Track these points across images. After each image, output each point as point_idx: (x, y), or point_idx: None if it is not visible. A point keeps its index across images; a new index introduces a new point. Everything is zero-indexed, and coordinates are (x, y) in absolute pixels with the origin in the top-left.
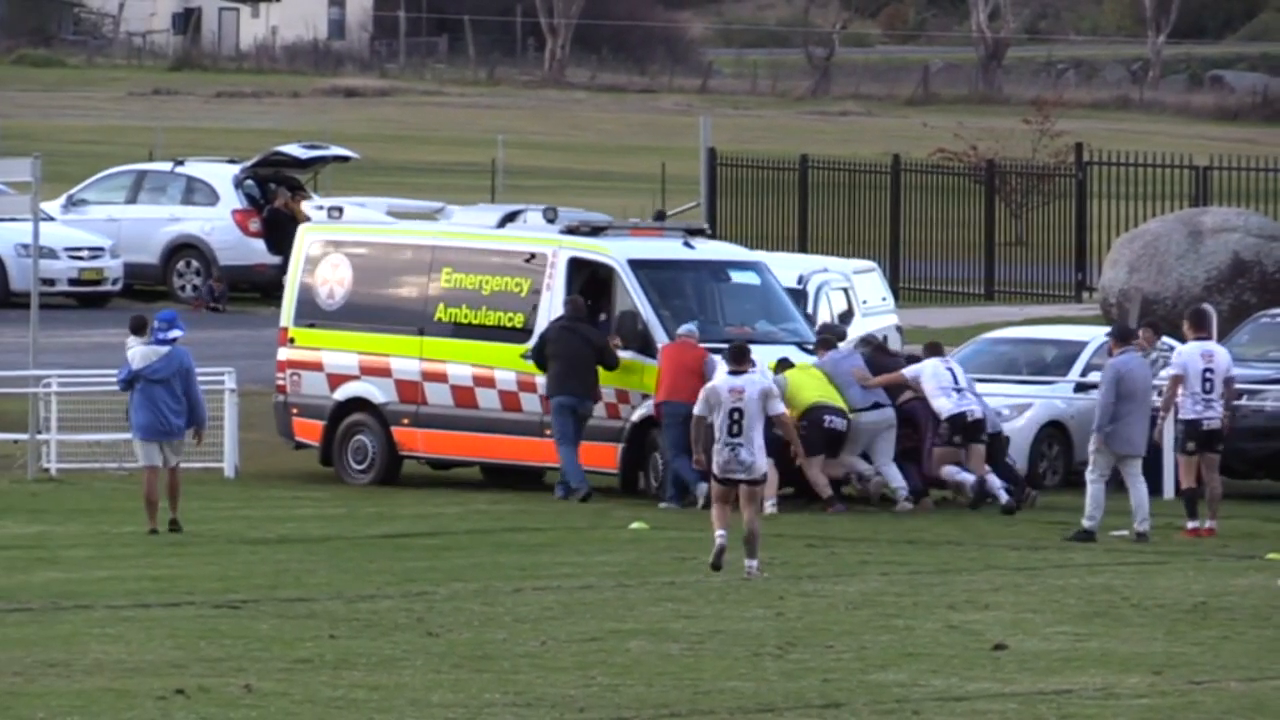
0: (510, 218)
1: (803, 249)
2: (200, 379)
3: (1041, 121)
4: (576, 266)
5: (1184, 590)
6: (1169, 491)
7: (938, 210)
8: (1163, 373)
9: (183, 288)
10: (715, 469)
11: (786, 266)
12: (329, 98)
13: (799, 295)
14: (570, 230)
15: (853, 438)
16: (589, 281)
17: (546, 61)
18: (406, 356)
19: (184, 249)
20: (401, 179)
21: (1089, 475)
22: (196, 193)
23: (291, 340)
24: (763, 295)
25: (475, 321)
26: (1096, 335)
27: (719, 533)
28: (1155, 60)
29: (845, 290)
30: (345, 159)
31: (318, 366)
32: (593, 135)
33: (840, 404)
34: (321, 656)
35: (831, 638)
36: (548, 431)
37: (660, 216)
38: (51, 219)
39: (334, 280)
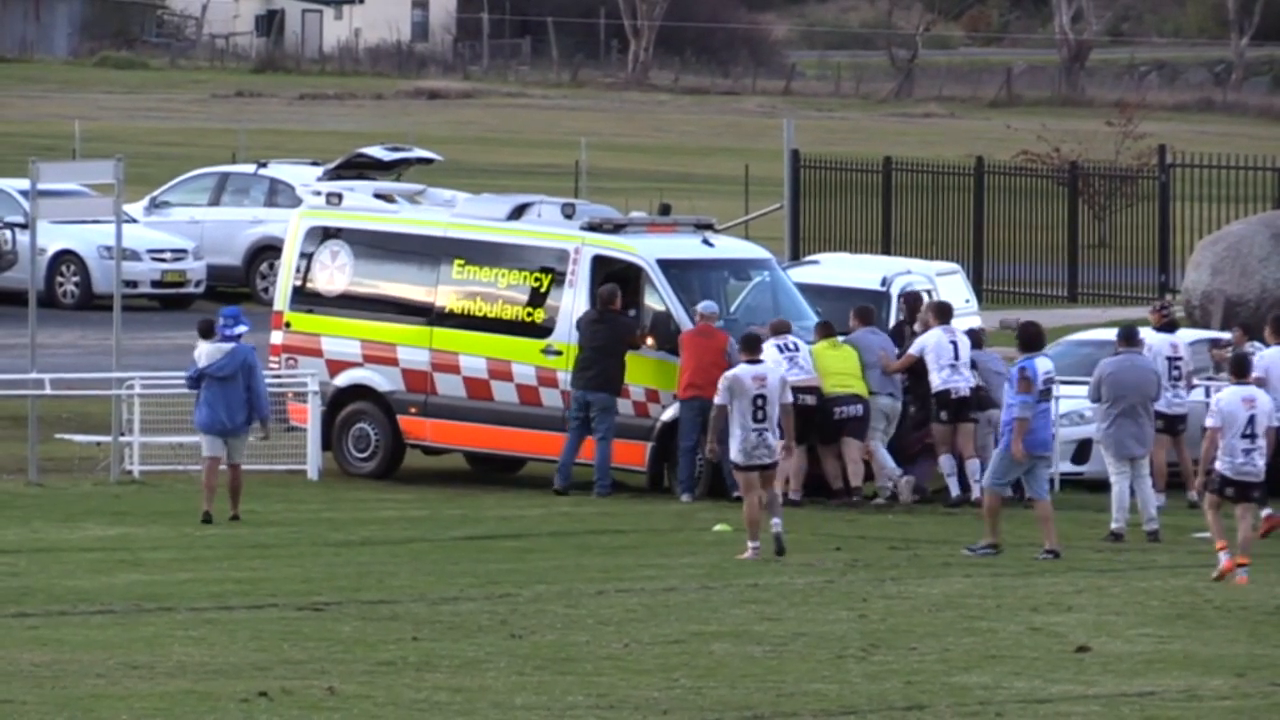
0: (520, 209)
1: (886, 251)
2: (282, 383)
3: (1124, 124)
4: (600, 263)
5: (1267, 592)
6: None
7: (1021, 212)
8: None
9: (265, 290)
10: (740, 456)
11: (870, 268)
12: (412, 100)
13: (882, 297)
14: (592, 227)
15: (870, 419)
16: (609, 278)
17: (630, 63)
18: (414, 346)
19: (267, 251)
20: (484, 181)
21: (1111, 478)
22: (279, 195)
23: (287, 325)
24: (779, 293)
25: (491, 314)
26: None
27: (755, 545)
28: (1238, 62)
29: (928, 292)
30: (428, 161)
31: (316, 352)
32: (676, 137)
33: (860, 389)
34: (404, 659)
35: (915, 640)
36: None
37: (665, 210)
38: (134, 221)
39: (334, 266)
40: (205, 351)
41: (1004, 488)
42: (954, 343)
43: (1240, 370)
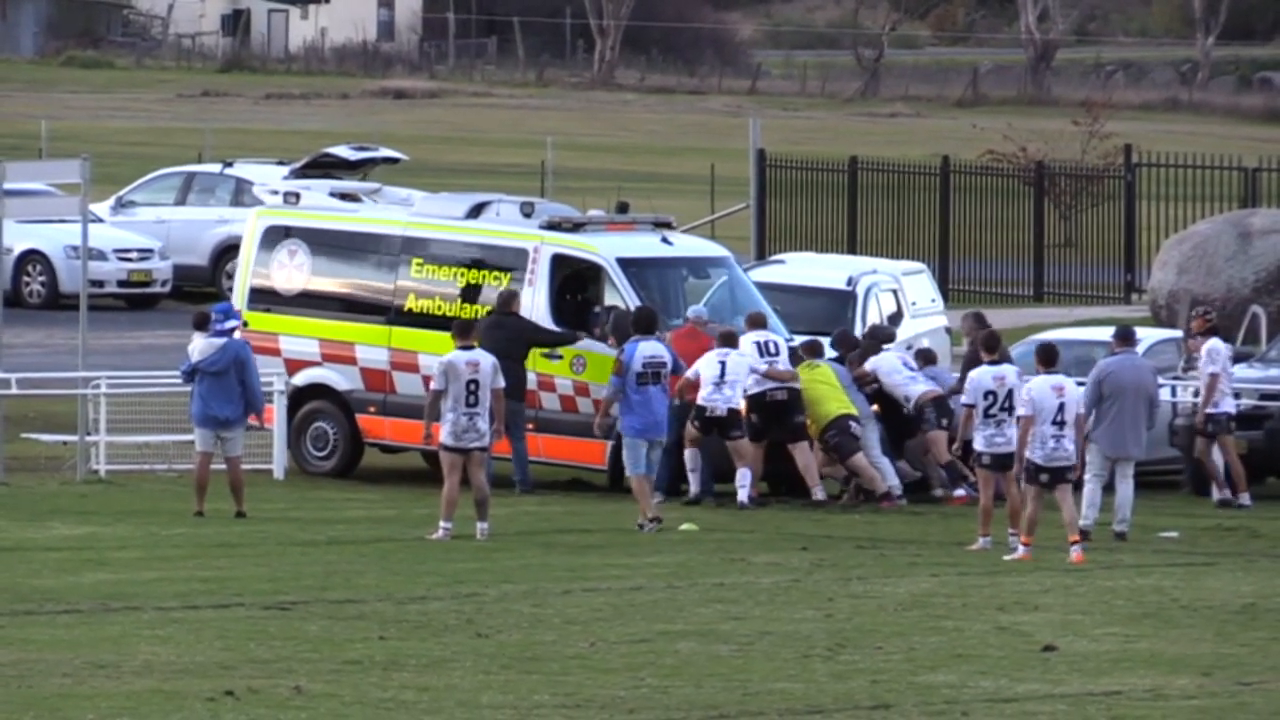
0: (478, 208)
1: (852, 250)
2: None
3: (1090, 123)
4: (560, 262)
5: (1232, 591)
6: (1214, 492)
7: (987, 212)
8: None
9: (231, 289)
10: (450, 438)
11: (836, 268)
12: (378, 99)
13: (848, 297)
14: (551, 225)
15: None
16: (569, 277)
17: (595, 63)
18: (373, 345)
19: (233, 250)
20: (450, 180)
21: (1085, 475)
22: (245, 194)
23: (245, 324)
24: (738, 291)
25: (449, 313)
26: (1148, 336)
27: (447, 524)
28: (1204, 62)
29: (894, 292)
30: (394, 161)
31: (274, 351)
32: (642, 136)
33: (854, 410)
34: (371, 658)
35: (881, 639)
36: (530, 425)
37: (623, 209)
38: (100, 220)
39: (292, 265)
40: (199, 347)
41: (640, 468)
42: (904, 358)
43: (1048, 360)
